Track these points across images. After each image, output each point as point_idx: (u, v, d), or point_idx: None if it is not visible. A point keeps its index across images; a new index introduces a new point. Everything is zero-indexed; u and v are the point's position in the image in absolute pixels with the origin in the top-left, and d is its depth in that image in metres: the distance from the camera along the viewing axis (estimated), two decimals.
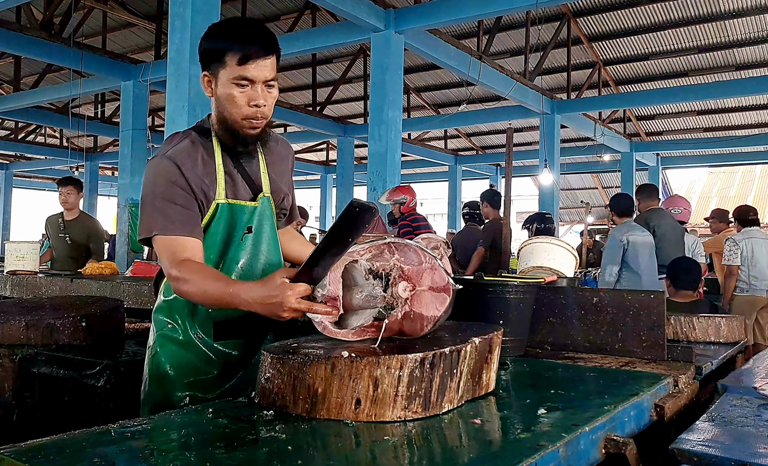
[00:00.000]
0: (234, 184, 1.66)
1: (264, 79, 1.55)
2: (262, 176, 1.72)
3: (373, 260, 1.36)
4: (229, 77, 1.55)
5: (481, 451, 1.06)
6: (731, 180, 25.05)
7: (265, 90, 1.57)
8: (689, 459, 1.10)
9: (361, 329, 1.33)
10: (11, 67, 12.46)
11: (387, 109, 7.64)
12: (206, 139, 1.66)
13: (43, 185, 25.48)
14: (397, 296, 1.33)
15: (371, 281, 1.36)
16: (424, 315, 1.32)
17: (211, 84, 1.62)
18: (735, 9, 10.72)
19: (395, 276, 1.34)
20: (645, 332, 1.92)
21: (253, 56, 1.53)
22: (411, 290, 1.33)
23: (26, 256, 4.54)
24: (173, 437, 1.09)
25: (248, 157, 1.70)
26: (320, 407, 1.15)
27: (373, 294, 1.36)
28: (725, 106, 14.41)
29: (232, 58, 1.53)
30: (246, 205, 1.67)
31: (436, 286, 1.33)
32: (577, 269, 3.61)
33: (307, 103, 13.82)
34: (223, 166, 1.64)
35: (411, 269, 1.34)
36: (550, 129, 11.83)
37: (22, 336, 2.21)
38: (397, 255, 1.35)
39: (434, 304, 1.32)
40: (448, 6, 7.67)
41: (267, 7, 11.49)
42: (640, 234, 5.02)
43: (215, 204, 1.62)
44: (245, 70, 1.53)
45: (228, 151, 1.66)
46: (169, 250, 1.53)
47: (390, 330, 1.32)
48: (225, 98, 1.58)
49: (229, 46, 1.54)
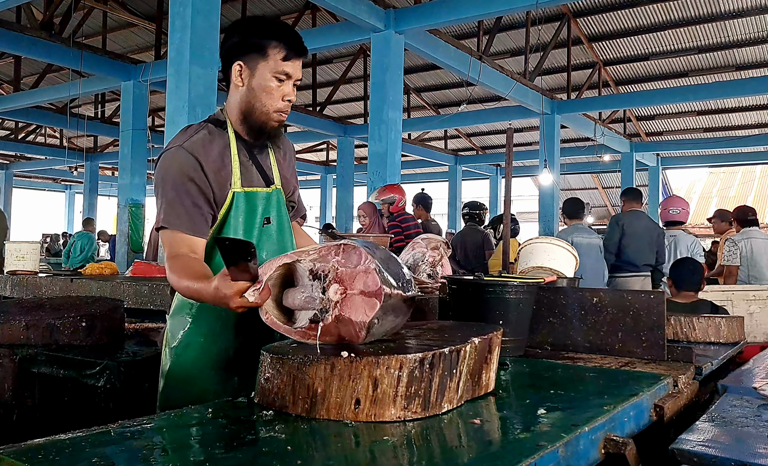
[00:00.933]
0: (248, 174, 1.70)
1: (297, 77, 1.66)
2: (273, 170, 1.78)
3: (316, 260, 1.34)
4: (272, 70, 1.61)
5: (480, 451, 1.06)
6: (731, 180, 25.05)
7: (294, 88, 1.66)
8: (689, 459, 1.10)
9: (302, 330, 1.31)
10: (11, 67, 12.47)
11: (387, 110, 7.63)
12: (222, 131, 1.69)
13: (43, 185, 25.50)
14: (329, 299, 1.29)
15: (312, 281, 1.34)
16: (353, 320, 1.26)
17: (242, 74, 1.64)
18: (735, 9, 10.72)
19: (330, 278, 1.31)
20: (645, 333, 1.92)
21: (296, 54, 1.63)
22: (342, 293, 1.28)
23: (26, 256, 4.54)
24: (173, 437, 1.09)
25: (260, 150, 1.75)
26: (320, 407, 1.15)
27: (313, 295, 1.33)
28: (725, 106, 14.41)
29: (278, 53, 1.60)
30: (260, 191, 1.71)
31: (367, 290, 1.28)
32: (576, 269, 3.61)
33: (307, 103, 13.82)
34: (238, 156, 1.68)
35: (345, 271, 1.30)
36: (550, 129, 11.83)
37: (22, 336, 2.21)
38: (340, 257, 1.32)
39: (364, 309, 1.27)
40: (448, 6, 7.67)
41: (267, 7, 11.49)
42: (586, 236, 5.36)
43: (231, 193, 1.65)
44: (287, 66, 1.62)
45: (243, 142, 1.71)
46: (169, 243, 1.60)
47: (330, 334, 1.29)
48: (261, 89, 1.63)
49: (276, 40, 1.61)
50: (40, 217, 27.36)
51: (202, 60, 5.34)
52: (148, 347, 2.34)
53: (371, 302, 1.27)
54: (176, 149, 1.61)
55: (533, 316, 2.02)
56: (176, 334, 1.70)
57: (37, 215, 27.45)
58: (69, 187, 25.62)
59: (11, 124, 17.49)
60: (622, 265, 5.54)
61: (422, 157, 17.12)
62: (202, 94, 5.37)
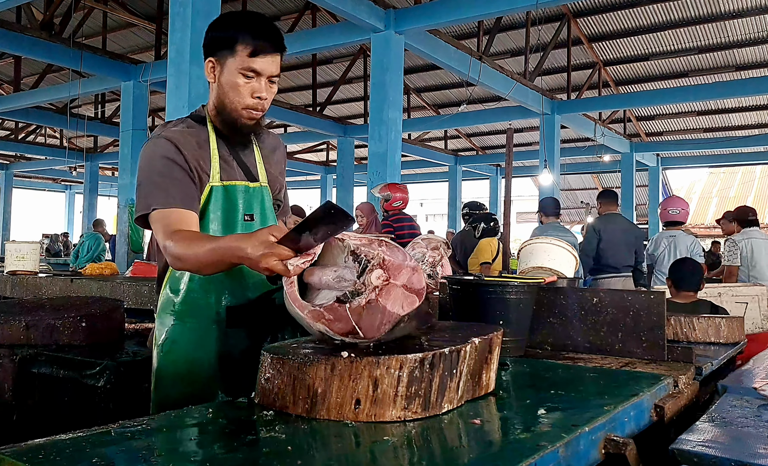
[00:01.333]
0: (229, 169, 1.67)
1: (269, 74, 1.60)
2: (258, 167, 1.74)
3: (362, 245, 1.32)
4: (238, 66, 1.58)
5: (480, 451, 1.06)
6: (731, 180, 25.06)
7: (268, 84, 1.61)
8: (689, 460, 1.10)
9: (319, 310, 1.26)
10: (11, 67, 12.47)
11: (387, 110, 7.63)
12: (201, 126, 1.68)
13: (43, 185, 25.50)
14: (369, 283, 1.26)
15: (350, 262, 1.31)
16: (387, 310, 1.24)
17: (214, 70, 1.64)
18: (735, 9, 10.73)
19: (374, 264, 1.28)
20: (645, 333, 1.92)
21: (264, 51, 1.57)
22: (385, 280, 1.26)
23: (26, 256, 4.54)
24: (173, 437, 1.09)
25: (243, 147, 1.72)
26: (320, 407, 1.15)
27: (346, 277, 1.30)
28: (725, 106, 14.42)
29: (244, 49, 1.57)
30: (240, 184, 1.67)
31: (411, 286, 1.27)
32: (576, 270, 3.62)
33: (307, 103, 13.82)
34: (218, 150, 1.66)
35: (392, 261, 1.29)
36: (550, 129, 11.83)
37: (22, 336, 2.21)
38: (385, 248, 1.31)
39: (402, 302, 1.25)
40: (448, 6, 7.67)
41: (267, 7, 11.49)
42: (561, 234, 5.51)
43: (209, 187, 1.62)
44: (254, 62, 1.57)
45: (223, 138, 1.68)
46: (164, 223, 1.53)
47: (345, 321, 1.24)
48: (230, 86, 1.60)
49: (242, 36, 1.57)
50: (40, 217, 27.38)
51: (201, 60, 5.32)
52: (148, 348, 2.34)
53: (411, 299, 1.26)
54: (156, 139, 1.62)
55: (533, 316, 2.02)
56: (161, 332, 1.68)
57: (37, 215, 27.47)
58: (69, 187, 25.63)
59: (11, 124, 17.50)
60: (602, 268, 5.71)
61: (422, 157, 17.12)
62: (202, 94, 5.37)
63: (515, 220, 13.48)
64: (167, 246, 1.50)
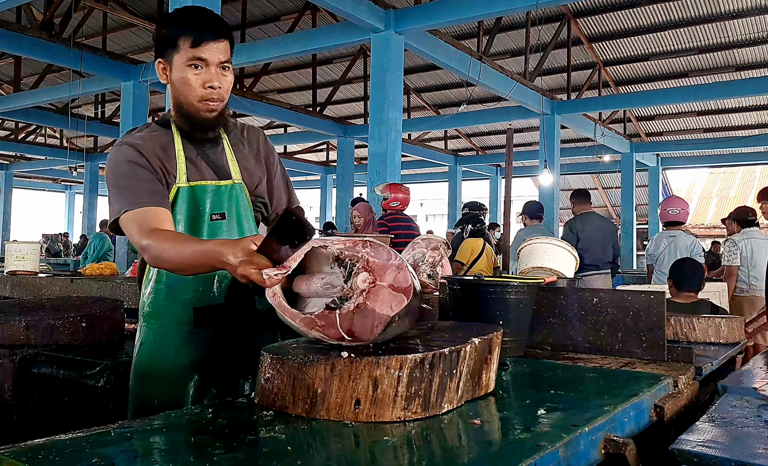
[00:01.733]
0: (197, 170, 1.65)
1: (217, 61, 1.57)
2: (230, 163, 1.71)
3: (345, 248, 1.30)
4: (183, 60, 1.56)
5: (480, 451, 1.06)
6: (731, 181, 25.06)
7: (220, 72, 1.59)
8: (689, 460, 1.10)
9: (311, 318, 1.26)
10: (11, 67, 12.47)
11: (387, 110, 7.63)
12: (166, 129, 1.67)
13: (43, 186, 25.50)
14: (356, 287, 1.25)
15: (335, 268, 1.30)
16: (376, 312, 1.22)
17: (166, 71, 1.62)
18: (735, 9, 10.73)
19: (359, 267, 1.26)
20: (645, 333, 1.92)
21: (206, 38, 1.55)
22: (371, 283, 1.24)
23: (26, 256, 4.54)
24: (173, 438, 1.09)
25: (212, 145, 1.70)
26: (320, 407, 1.15)
27: (333, 283, 1.29)
28: (725, 106, 14.42)
29: (185, 42, 1.55)
30: (209, 184, 1.64)
31: (397, 285, 1.25)
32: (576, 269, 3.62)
33: (307, 103, 13.82)
34: (183, 152, 1.64)
35: (376, 262, 1.27)
36: (550, 129, 11.83)
37: (22, 336, 2.21)
38: (369, 249, 1.29)
39: (390, 303, 1.24)
40: (448, 6, 7.67)
41: (267, 7, 11.49)
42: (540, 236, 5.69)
43: (176, 188, 1.61)
44: (198, 52, 1.55)
45: (189, 138, 1.66)
46: (137, 222, 1.50)
47: (343, 325, 1.24)
48: (180, 82, 1.58)
49: (182, 31, 1.56)
50: (40, 217, 27.38)
51: None
52: None
53: (399, 298, 1.24)
54: (118, 146, 1.61)
55: (533, 316, 2.02)
56: (138, 335, 1.70)
57: (37, 215, 27.47)
58: (69, 187, 25.63)
59: (11, 125, 17.50)
60: (584, 266, 5.79)
61: (422, 157, 17.12)
62: None
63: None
64: (145, 245, 1.47)
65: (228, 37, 1.60)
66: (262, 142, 1.82)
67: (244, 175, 1.72)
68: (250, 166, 1.75)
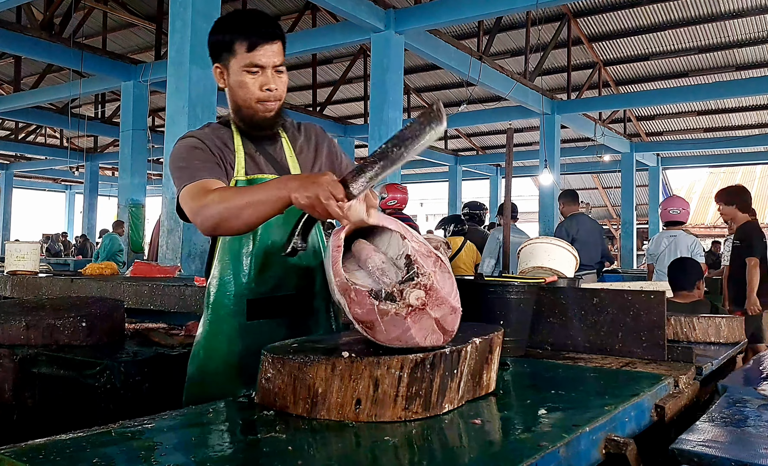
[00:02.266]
0: (256, 165, 1.69)
1: (273, 64, 1.61)
2: (289, 160, 1.74)
3: (419, 251, 1.26)
4: (240, 65, 1.60)
5: (481, 451, 1.05)
6: (731, 180, 24.99)
7: (275, 75, 1.62)
8: (689, 460, 1.10)
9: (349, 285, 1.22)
10: (11, 67, 12.48)
11: (387, 110, 7.64)
12: (226, 128, 1.72)
13: (43, 185, 25.51)
14: (406, 298, 1.20)
15: (400, 262, 1.26)
16: (409, 333, 1.18)
17: (223, 75, 1.66)
18: (735, 9, 10.73)
19: (421, 283, 1.21)
20: (645, 333, 1.92)
21: (260, 42, 1.58)
22: (420, 305, 1.19)
23: (26, 256, 4.54)
24: (173, 437, 1.09)
25: (270, 142, 1.73)
26: (320, 407, 1.15)
27: (389, 275, 1.25)
28: (725, 106, 14.42)
29: (241, 47, 1.59)
30: (266, 177, 1.66)
31: (443, 324, 1.20)
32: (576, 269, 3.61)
33: (307, 103, 13.82)
34: (243, 148, 1.69)
35: (438, 290, 1.21)
36: (550, 129, 11.83)
37: (22, 336, 2.21)
38: (438, 273, 1.23)
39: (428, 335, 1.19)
40: (448, 6, 7.67)
41: (267, 7, 11.49)
42: (516, 236, 5.70)
43: (234, 181, 1.64)
44: (254, 57, 1.58)
45: (248, 136, 1.70)
46: (193, 192, 1.51)
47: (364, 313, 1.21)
48: (238, 86, 1.62)
49: (237, 35, 1.59)
50: (40, 217, 27.38)
51: (202, 60, 5.34)
52: (148, 347, 2.34)
53: (437, 336, 1.20)
54: (180, 140, 1.66)
55: (534, 316, 2.02)
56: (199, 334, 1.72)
57: (37, 215, 27.47)
58: (69, 187, 25.63)
59: (11, 125, 17.50)
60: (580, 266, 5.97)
61: (422, 157, 17.08)
62: (202, 95, 5.38)
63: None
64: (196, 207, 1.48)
65: (280, 39, 1.63)
66: (320, 134, 1.86)
67: (304, 171, 1.75)
68: (309, 161, 1.78)
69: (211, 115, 5.39)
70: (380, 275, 1.26)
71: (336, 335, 1.54)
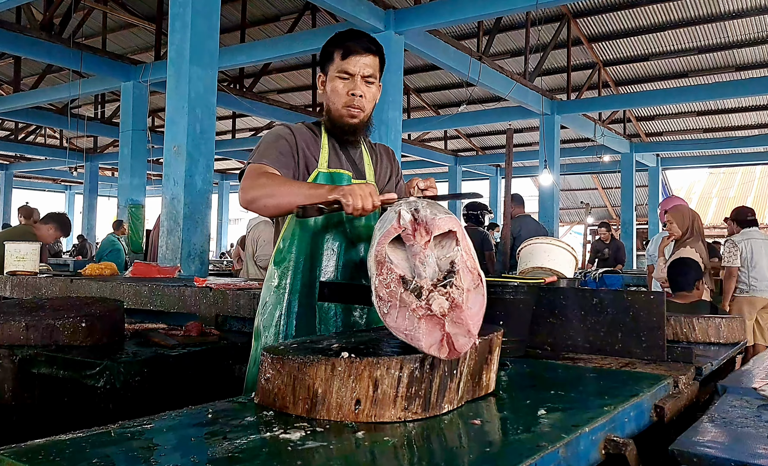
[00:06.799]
0: (338, 160, 1.89)
1: (363, 73, 1.81)
2: (366, 168, 1.95)
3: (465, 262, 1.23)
4: (334, 71, 1.82)
5: (481, 452, 1.06)
6: (731, 181, 25.05)
7: (363, 83, 1.82)
8: (689, 460, 1.10)
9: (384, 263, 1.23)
10: (11, 67, 12.48)
11: (387, 110, 7.64)
12: (317, 126, 1.93)
13: (43, 186, 25.50)
14: (429, 301, 1.19)
15: (443, 264, 1.24)
16: (416, 335, 1.18)
17: (324, 83, 1.87)
18: (735, 10, 10.73)
19: (450, 293, 1.20)
20: (645, 333, 1.92)
21: (353, 52, 1.79)
22: (440, 315, 1.18)
23: (26, 256, 4.53)
24: (173, 437, 1.09)
25: (353, 147, 1.94)
26: (320, 407, 1.15)
27: (425, 269, 1.23)
28: (725, 106, 14.42)
29: (338, 54, 1.81)
30: (346, 174, 1.87)
31: (454, 342, 1.18)
32: (576, 270, 3.62)
33: (307, 103, 13.83)
34: (328, 145, 1.89)
35: (465, 311, 1.19)
36: (550, 130, 11.83)
37: (22, 337, 2.21)
38: (472, 288, 1.22)
39: (434, 345, 1.18)
40: (448, 7, 7.67)
41: (267, 7, 11.49)
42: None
43: (316, 172, 1.83)
44: (346, 64, 1.80)
45: (335, 138, 1.91)
46: (253, 172, 1.74)
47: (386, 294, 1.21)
48: (331, 90, 1.84)
49: (337, 45, 1.83)
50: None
51: (202, 61, 5.34)
52: (148, 348, 2.34)
53: (444, 351, 1.18)
54: (279, 125, 1.91)
55: (533, 316, 2.02)
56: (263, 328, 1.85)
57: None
58: (69, 187, 25.63)
59: (11, 125, 17.50)
60: None
61: (422, 157, 17.13)
62: (201, 95, 5.37)
63: None
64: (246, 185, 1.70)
65: (376, 54, 1.83)
66: (391, 154, 2.11)
67: (378, 182, 1.97)
68: (382, 172, 2.02)
69: (210, 116, 5.39)
70: (419, 263, 1.25)
71: (336, 335, 1.54)
